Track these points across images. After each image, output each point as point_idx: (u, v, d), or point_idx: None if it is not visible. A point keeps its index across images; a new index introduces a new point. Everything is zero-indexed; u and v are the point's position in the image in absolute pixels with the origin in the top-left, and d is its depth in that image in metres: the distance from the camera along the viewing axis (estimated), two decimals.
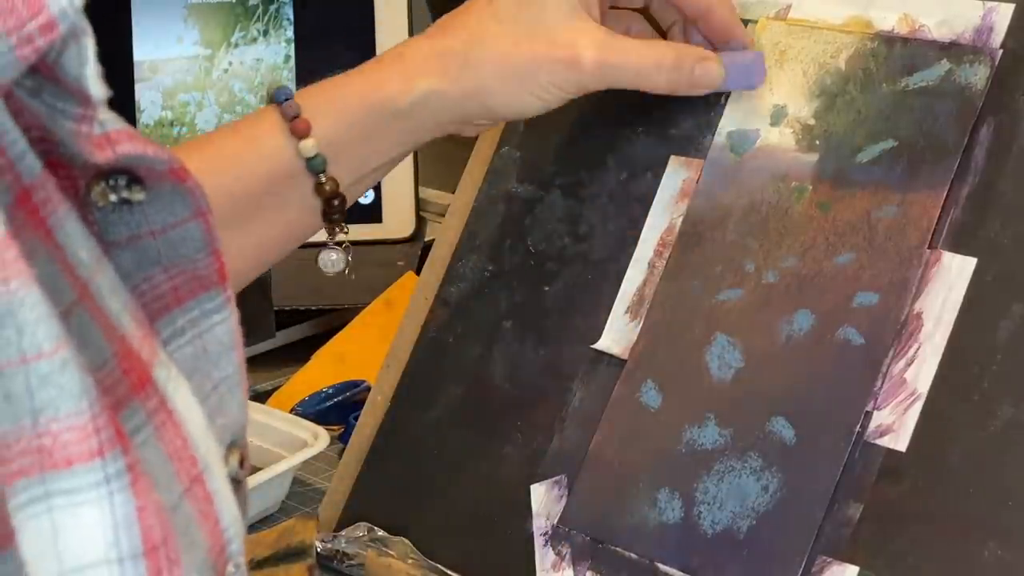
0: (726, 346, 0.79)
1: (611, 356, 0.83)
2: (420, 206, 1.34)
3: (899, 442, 0.73)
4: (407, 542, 0.86)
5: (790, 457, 0.75)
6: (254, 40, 1.35)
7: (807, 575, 0.73)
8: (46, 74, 0.39)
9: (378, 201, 1.32)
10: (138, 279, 0.44)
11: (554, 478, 0.82)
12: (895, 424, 0.73)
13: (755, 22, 0.86)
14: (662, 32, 0.88)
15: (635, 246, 0.85)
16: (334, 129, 0.79)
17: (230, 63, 1.35)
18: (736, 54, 0.84)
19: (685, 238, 0.83)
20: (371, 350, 1.05)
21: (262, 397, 1.12)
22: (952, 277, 0.74)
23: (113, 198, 0.42)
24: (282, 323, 1.22)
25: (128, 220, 0.43)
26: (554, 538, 0.81)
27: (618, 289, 0.84)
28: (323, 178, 0.79)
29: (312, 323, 1.26)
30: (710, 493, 0.77)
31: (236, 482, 0.46)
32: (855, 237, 0.78)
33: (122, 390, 0.40)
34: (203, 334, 0.45)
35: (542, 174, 0.91)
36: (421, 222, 1.34)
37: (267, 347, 1.21)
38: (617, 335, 0.83)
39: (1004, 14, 0.78)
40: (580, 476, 0.81)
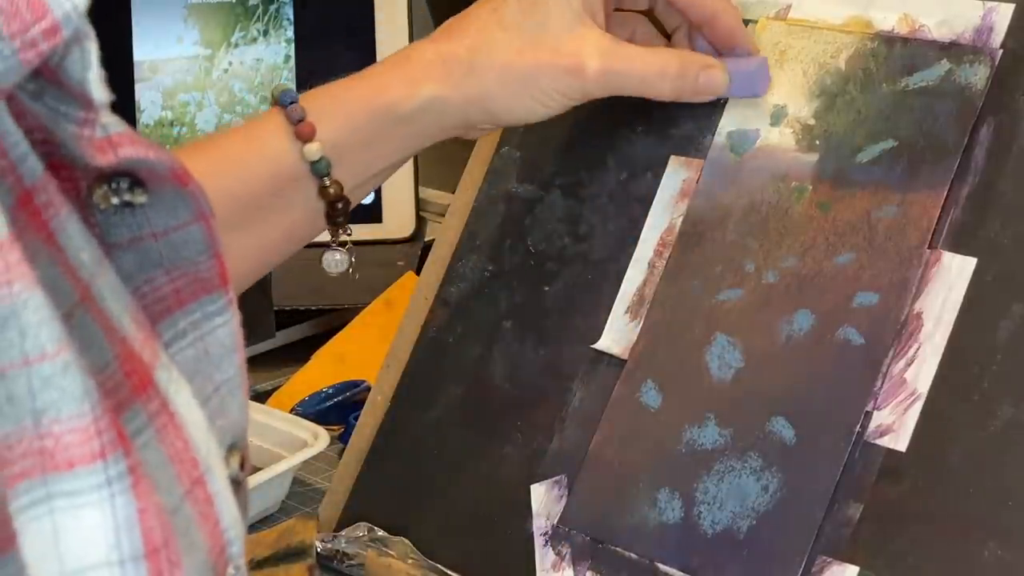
0: (726, 346, 0.79)
1: (611, 356, 0.83)
2: (420, 206, 1.34)
3: (899, 442, 0.73)
4: (407, 542, 0.86)
5: (790, 457, 0.75)
6: (254, 40, 1.35)
7: (807, 575, 0.73)
8: (49, 77, 0.39)
9: (378, 201, 1.32)
10: (139, 281, 0.44)
11: (554, 478, 0.82)
12: (895, 424, 0.73)
13: (755, 22, 0.86)
14: (667, 34, 0.88)
15: (635, 246, 0.85)
16: (339, 133, 0.79)
17: (230, 63, 1.35)
18: (741, 61, 0.84)
19: (685, 238, 0.83)
20: (371, 350, 1.05)
21: (262, 397, 1.12)
22: (952, 277, 0.74)
23: (115, 201, 0.42)
24: (282, 323, 1.22)
25: (130, 222, 0.43)
26: (554, 538, 0.81)
27: (618, 289, 0.84)
28: (327, 181, 0.79)
29: (312, 323, 1.26)
30: (710, 493, 0.77)
31: (236, 484, 0.46)
32: (855, 237, 0.78)
33: (124, 392, 0.40)
34: (204, 336, 0.45)
35: (542, 174, 0.91)
36: (421, 222, 1.33)
37: (267, 347, 1.21)
38: (617, 335, 0.83)
39: (1004, 14, 0.78)
40: (580, 476, 0.81)
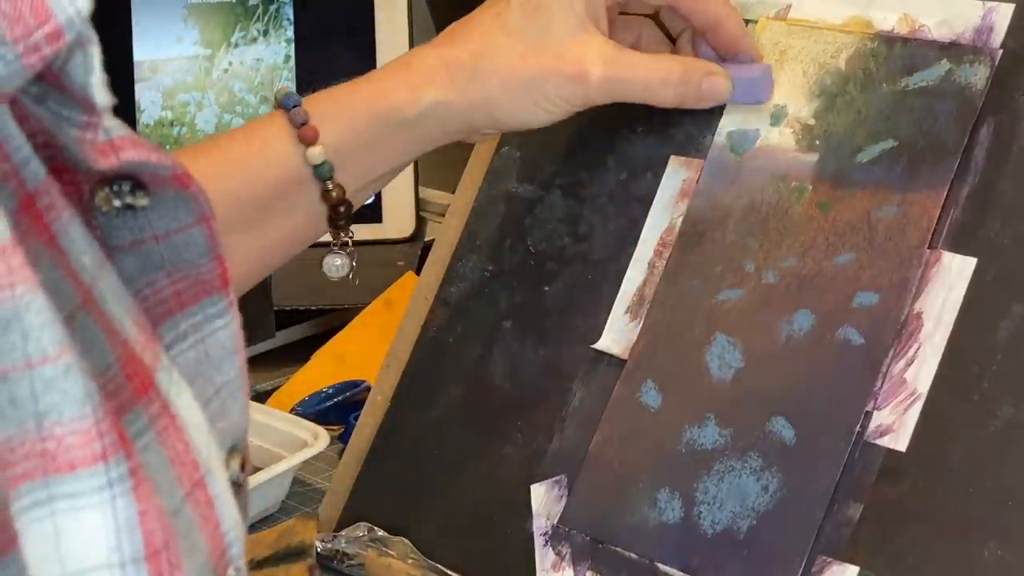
0: (726, 346, 0.79)
1: (611, 356, 0.83)
2: (420, 206, 1.34)
3: (899, 442, 0.73)
4: (407, 542, 0.86)
5: (790, 457, 0.75)
6: (254, 40, 1.35)
7: (807, 575, 0.73)
8: (51, 81, 0.39)
9: (378, 201, 1.32)
10: (141, 284, 0.44)
11: (554, 478, 0.82)
12: (895, 424, 0.73)
13: (755, 22, 0.86)
14: (672, 38, 0.88)
15: (635, 246, 0.85)
16: (341, 137, 0.79)
17: (230, 63, 1.35)
18: (744, 67, 0.84)
19: (685, 238, 0.83)
20: (371, 350, 1.05)
21: (262, 397, 1.12)
22: (952, 277, 0.74)
23: (117, 203, 0.42)
24: (282, 323, 1.22)
25: (131, 225, 0.43)
26: (554, 538, 0.81)
27: (618, 289, 0.85)
28: (330, 185, 0.79)
29: (312, 323, 1.26)
30: (710, 493, 0.77)
31: (237, 486, 0.46)
32: (855, 237, 0.78)
33: (125, 395, 0.40)
34: (205, 339, 0.45)
35: (542, 174, 0.91)
36: (421, 222, 1.34)
37: (267, 347, 1.21)
38: (617, 335, 0.83)
39: (1004, 14, 0.78)
40: (580, 476, 0.81)
